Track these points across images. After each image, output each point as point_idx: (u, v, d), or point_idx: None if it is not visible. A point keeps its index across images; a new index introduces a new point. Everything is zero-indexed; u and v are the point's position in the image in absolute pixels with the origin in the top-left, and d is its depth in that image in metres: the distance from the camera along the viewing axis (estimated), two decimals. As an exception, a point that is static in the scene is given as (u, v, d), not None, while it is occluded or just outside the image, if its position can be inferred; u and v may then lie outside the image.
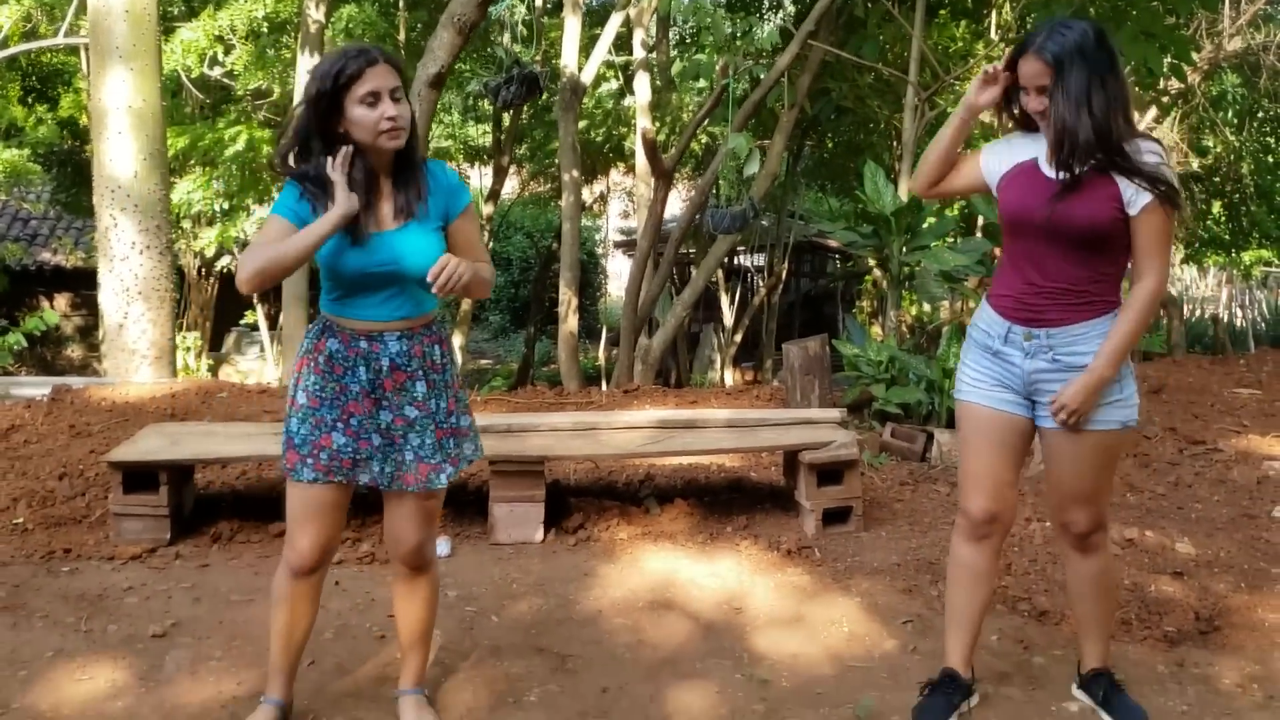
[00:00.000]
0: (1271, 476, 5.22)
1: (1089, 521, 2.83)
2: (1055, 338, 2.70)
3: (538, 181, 20.67)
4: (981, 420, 2.84)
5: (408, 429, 2.64)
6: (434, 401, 2.67)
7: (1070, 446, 2.75)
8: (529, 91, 6.11)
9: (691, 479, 5.19)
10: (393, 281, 2.56)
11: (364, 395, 2.60)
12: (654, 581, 3.97)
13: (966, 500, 2.90)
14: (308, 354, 2.64)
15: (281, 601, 2.74)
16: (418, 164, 2.62)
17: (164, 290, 7.96)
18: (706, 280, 9.32)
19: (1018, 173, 2.78)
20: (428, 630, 2.90)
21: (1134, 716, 2.86)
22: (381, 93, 2.46)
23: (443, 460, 2.68)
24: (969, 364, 2.88)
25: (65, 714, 2.90)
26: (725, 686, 3.15)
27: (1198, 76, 12.74)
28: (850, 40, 8.98)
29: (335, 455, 2.60)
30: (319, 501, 2.65)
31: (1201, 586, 3.88)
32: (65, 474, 4.90)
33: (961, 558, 2.95)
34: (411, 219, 2.57)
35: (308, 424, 2.61)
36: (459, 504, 4.68)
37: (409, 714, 2.84)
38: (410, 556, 2.78)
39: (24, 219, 18.87)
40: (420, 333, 2.66)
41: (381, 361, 2.60)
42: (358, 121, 2.47)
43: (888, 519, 4.71)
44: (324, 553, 2.71)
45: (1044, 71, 2.61)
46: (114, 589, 3.80)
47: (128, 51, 7.71)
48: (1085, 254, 2.67)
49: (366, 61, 2.45)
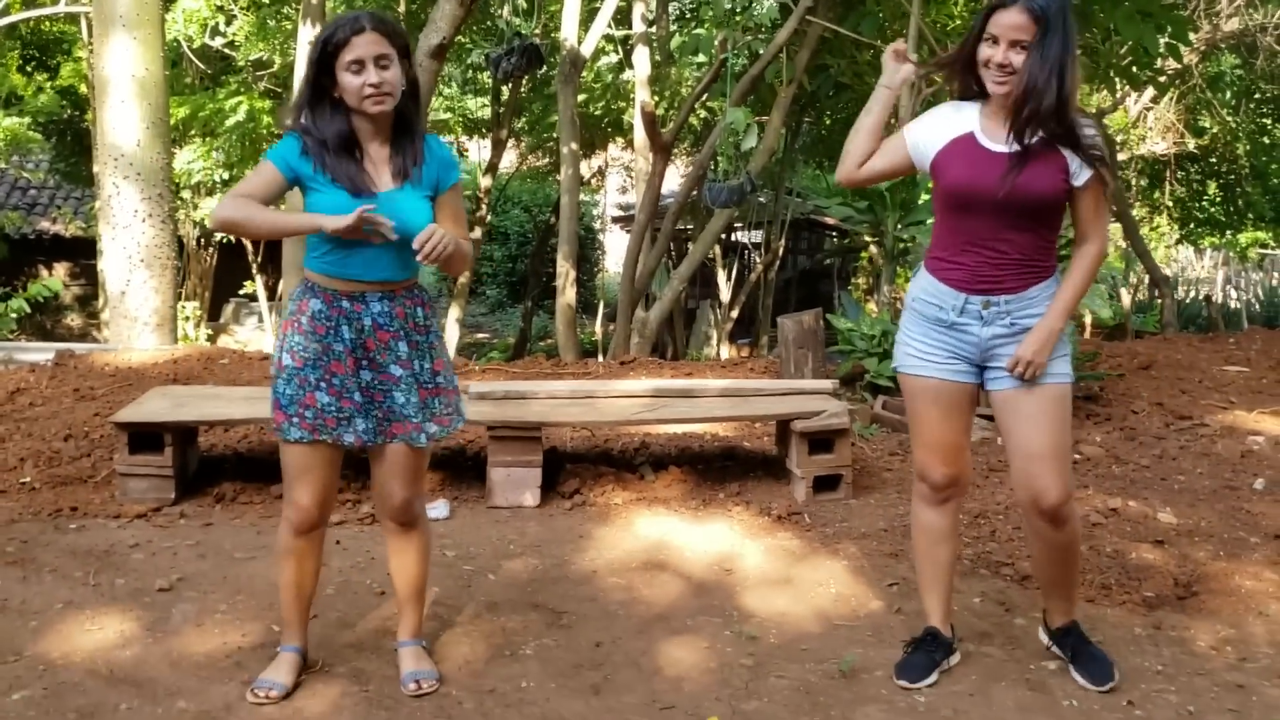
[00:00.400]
0: (1255, 450, 5.32)
1: (1059, 489, 2.81)
2: (1012, 304, 2.78)
3: (536, 155, 20.67)
4: (935, 392, 2.90)
5: (391, 386, 2.73)
6: (418, 362, 2.76)
7: (1030, 403, 2.81)
8: (529, 63, 6.17)
9: (686, 447, 5.29)
10: (379, 241, 2.63)
11: (347, 354, 2.69)
12: (647, 544, 4.07)
13: (926, 468, 2.99)
14: (292, 316, 2.73)
15: (286, 557, 2.85)
16: (417, 131, 2.70)
17: (166, 258, 8.02)
18: (703, 255, 9.39)
19: (956, 148, 2.79)
20: (422, 584, 2.99)
21: (1101, 669, 2.94)
22: (366, 60, 2.54)
23: (425, 419, 2.77)
24: (916, 338, 2.91)
25: (75, 662, 3.00)
26: (714, 642, 3.25)
27: (1195, 57, 12.79)
28: (849, 16, 9.00)
29: (320, 414, 2.69)
30: (311, 460, 2.74)
31: (1181, 554, 3.98)
32: (70, 435, 4.99)
33: (926, 521, 3.05)
34: (406, 182, 2.65)
35: (293, 384, 2.70)
36: (458, 468, 4.78)
37: (408, 663, 2.94)
38: (398, 513, 2.86)
39: (23, 187, 18.89)
40: (402, 294, 2.74)
41: (364, 321, 2.69)
42: (345, 87, 2.57)
43: (877, 486, 4.81)
44: (321, 509, 2.81)
45: (1027, 26, 2.61)
46: (120, 545, 3.89)
47: (131, 20, 7.75)
48: (1033, 223, 2.76)
49: (354, 29, 2.54)
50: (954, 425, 2.94)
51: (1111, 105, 13.63)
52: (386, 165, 2.67)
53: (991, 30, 2.67)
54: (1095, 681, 2.93)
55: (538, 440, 4.45)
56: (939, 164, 2.83)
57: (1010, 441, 2.91)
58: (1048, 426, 2.83)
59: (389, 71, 2.58)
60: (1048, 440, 2.83)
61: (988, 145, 2.76)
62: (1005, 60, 2.65)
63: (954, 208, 2.83)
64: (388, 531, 2.94)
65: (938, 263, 2.88)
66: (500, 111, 16.43)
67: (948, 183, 2.81)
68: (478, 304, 24.51)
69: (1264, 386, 6.80)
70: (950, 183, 2.80)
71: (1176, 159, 15.41)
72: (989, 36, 2.68)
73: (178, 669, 2.98)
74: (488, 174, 16.91)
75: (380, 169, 2.67)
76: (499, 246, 24.09)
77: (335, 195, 2.60)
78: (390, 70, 2.58)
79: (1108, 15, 7.73)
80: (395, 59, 2.60)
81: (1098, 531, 4.18)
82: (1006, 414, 2.89)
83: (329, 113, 2.63)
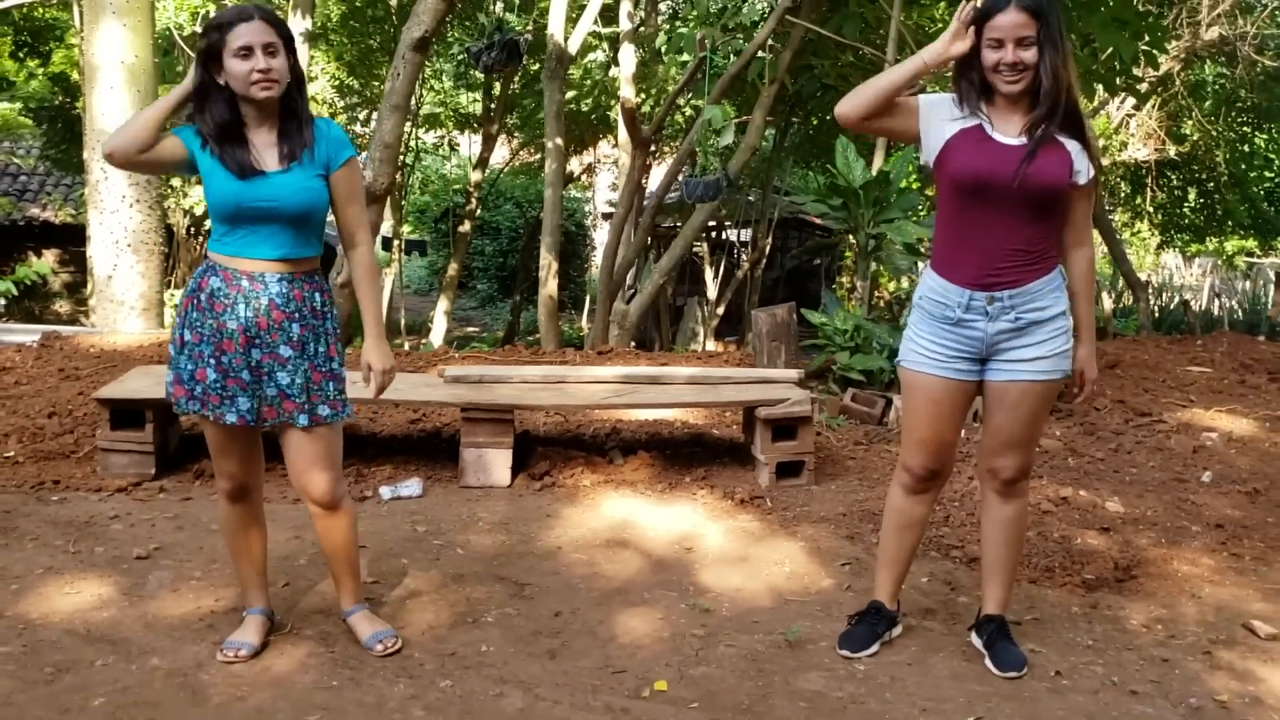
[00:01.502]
0: (1208, 446, 5.48)
1: (1017, 467, 3.01)
2: (1016, 298, 2.86)
3: (527, 151, 20.81)
4: (935, 390, 2.98)
5: (278, 367, 2.82)
6: (312, 344, 2.86)
7: (1016, 395, 2.93)
8: (510, 57, 6.29)
9: (655, 433, 5.43)
10: (273, 218, 2.76)
11: (240, 332, 2.78)
12: (612, 523, 4.21)
13: (912, 460, 3.09)
14: (192, 293, 2.83)
15: (226, 525, 3.04)
16: (301, 115, 2.82)
17: (153, 244, 8.14)
18: (685, 249, 9.53)
19: (965, 138, 2.84)
20: (354, 555, 3.10)
21: (1012, 659, 3.05)
22: (254, 47, 2.66)
23: (316, 402, 2.85)
24: (923, 335, 2.99)
25: (54, 622, 3.14)
26: (669, 613, 3.40)
27: (1177, 65, 12.97)
28: (832, 18, 9.15)
29: (206, 390, 2.80)
30: (224, 432, 2.88)
31: (1124, 540, 4.14)
32: (54, 413, 5.12)
33: (900, 508, 3.17)
34: (294, 163, 2.77)
35: (189, 358, 2.82)
36: (431, 449, 4.92)
37: (364, 627, 3.07)
38: (318, 496, 2.94)
39: (13, 174, 18.92)
40: (301, 278, 2.85)
41: (261, 300, 2.79)
42: (232, 72, 2.69)
43: (840, 474, 4.95)
44: (246, 475, 2.98)
45: (1028, 23, 2.70)
46: (101, 517, 4.02)
47: (121, 7, 7.86)
48: (1037, 214, 2.82)
49: (240, 17, 2.68)
50: (947, 424, 3.03)
51: (1092, 111, 13.80)
52: (274, 149, 2.78)
53: (993, 34, 2.74)
54: (1003, 669, 3.03)
55: (509, 422, 4.58)
56: (948, 152, 2.85)
57: (987, 424, 3.05)
58: (1026, 418, 2.96)
59: (276, 59, 2.70)
60: (1021, 429, 2.98)
61: (998, 138, 2.82)
62: (1016, 59, 2.73)
63: (963, 197, 2.86)
64: (313, 515, 3.01)
65: (943, 260, 2.94)
66: (491, 107, 16.57)
67: (958, 170, 2.83)
68: (468, 298, 24.63)
69: (1224, 386, 6.97)
70: (960, 170, 2.82)
71: (1158, 166, 15.61)
72: (991, 41, 2.75)
73: (152, 629, 3.11)
74: (478, 168, 17.05)
75: (267, 152, 2.78)
76: (490, 241, 24.22)
77: (225, 180, 2.72)
78: (277, 58, 2.70)
79: (1085, 22, 7.87)
80: (281, 48, 2.72)
81: (1047, 519, 4.34)
82: (992, 401, 3.00)
83: (217, 101, 2.74)
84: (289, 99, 2.78)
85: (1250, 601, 3.66)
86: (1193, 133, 14.79)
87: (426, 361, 6.72)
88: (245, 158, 2.73)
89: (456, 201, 18.47)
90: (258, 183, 2.72)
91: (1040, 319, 2.88)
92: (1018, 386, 2.92)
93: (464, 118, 19.05)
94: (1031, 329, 2.88)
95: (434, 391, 4.77)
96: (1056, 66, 2.73)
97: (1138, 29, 7.99)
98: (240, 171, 2.71)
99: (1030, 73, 2.75)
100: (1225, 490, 4.80)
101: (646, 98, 13.81)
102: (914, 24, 10.05)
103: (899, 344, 3.20)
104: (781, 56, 8.93)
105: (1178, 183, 16.29)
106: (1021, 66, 2.75)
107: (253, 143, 2.77)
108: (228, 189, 2.71)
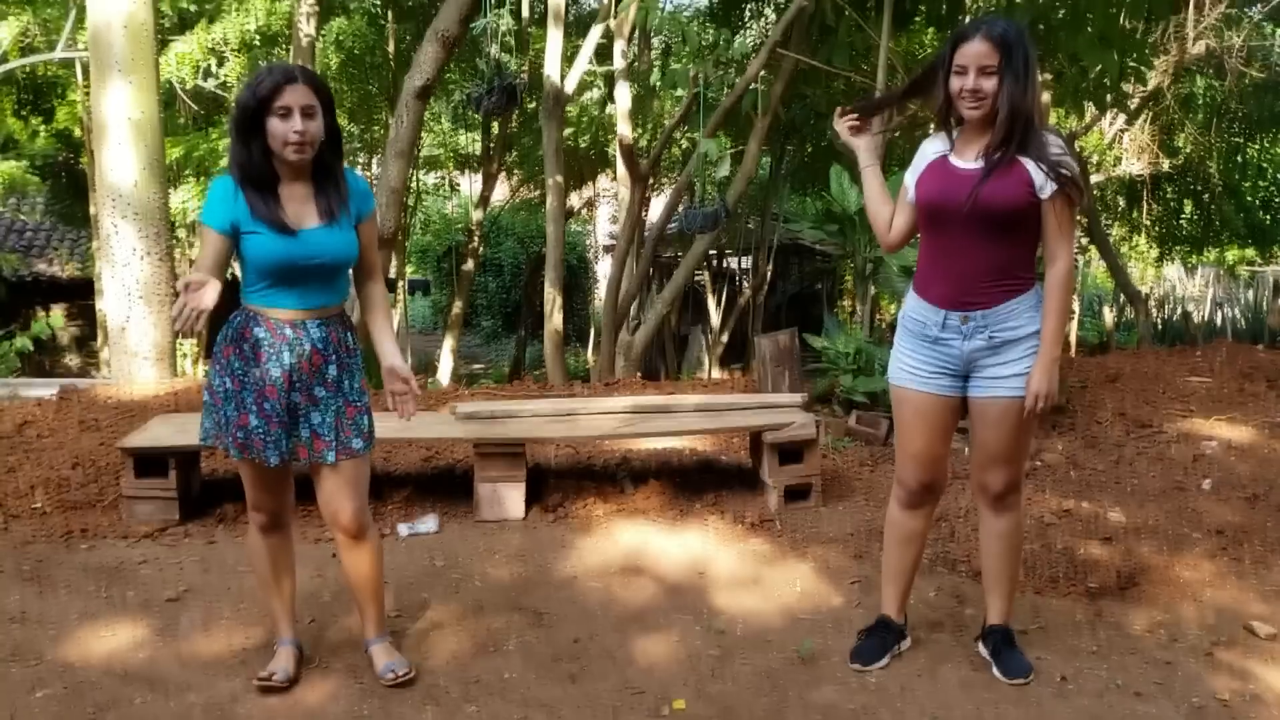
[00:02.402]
0: (1208, 454, 5.58)
1: (1005, 481, 3.13)
2: (989, 318, 2.98)
3: (528, 188, 21.04)
4: (920, 405, 3.13)
5: (311, 407, 2.96)
6: (346, 382, 3.00)
7: (999, 411, 3.04)
8: (509, 101, 6.46)
9: (665, 461, 5.55)
10: (316, 273, 2.90)
11: (283, 378, 2.91)
12: (626, 551, 4.32)
13: (905, 474, 3.22)
14: (233, 342, 2.94)
15: (256, 557, 3.17)
16: (338, 173, 2.96)
17: (164, 294, 8.28)
18: (686, 278, 9.67)
19: (930, 169, 3.05)
20: (378, 585, 3.21)
21: (1018, 666, 3.15)
22: (293, 108, 2.78)
23: (335, 437, 2.97)
24: (907, 352, 3.14)
25: (93, 664, 3.25)
26: (685, 635, 3.50)
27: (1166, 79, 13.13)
28: (821, 48, 9.32)
29: (249, 434, 2.93)
30: (258, 473, 3.03)
31: (1126, 549, 4.24)
32: (78, 463, 5.24)
33: (899, 522, 3.29)
34: (332, 219, 2.91)
35: (231, 405, 2.94)
36: (446, 485, 5.03)
37: (380, 657, 3.19)
38: (345, 525, 3.07)
39: (19, 230, 19.19)
40: (334, 319, 3.00)
41: (305, 346, 2.93)
42: (270, 131, 2.81)
43: (847, 495, 5.06)
44: (279, 509, 3.12)
45: (991, 53, 2.86)
46: (129, 562, 4.14)
47: (127, 65, 8.04)
48: (1003, 236, 2.95)
49: (285, 79, 2.79)
50: (935, 437, 3.16)
51: (1083, 127, 13.97)
52: (311, 204, 2.90)
53: (960, 62, 2.91)
54: (1009, 675, 3.14)
55: (522, 456, 4.70)
56: (917, 186, 3.07)
57: (974, 441, 3.17)
58: (1010, 432, 3.07)
59: (313, 122, 2.82)
60: (1008, 443, 3.08)
61: (957, 164, 2.98)
62: (976, 86, 2.89)
63: (928, 225, 3.05)
64: (339, 544, 3.15)
65: (921, 281, 3.11)
66: (491, 146, 16.80)
67: (919, 197, 3.04)
68: (472, 334, 24.81)
69: (1224, 395, 7.06)
70: (922, 198, 3.03)
71: (1153, 179, 15.75)
72: (958, 68, 2.92)
73: (187, 667, 3.23)
74: (479, 206, 17.26)
75: (304, 207, 2.90)
76: (493, 278, 24.43)
77: (264, 237, 2.84)
78: (314, 121, 2.82)
79: (1071, 41, 8.03)
80: (320, 111, 2.84)
81: (1050, 530, 4.44)
82: (976, 418, 3.12)
83: (255, 156, 2.85)
84: (324, 157, 2.91)
85: (1250, 603, 3.75)
86: (1185, 145, 14.93)
87: (437, 399, 6.84)
88: (280, 215, 2.84)
89: (459, 240, 18.68)
90: (302, 239, 2.85)
91: (1014, 338, 2.99)
92: (997, 404, 3.03)
93: (464, 158, 19.30)
94: (1006, 347, 3.00)
95: (446, 428, 4.89)
96: (1015, 96, 2.85)
97: (1123, 46, 8.15)
98: (279, 229, 2.83)
99: (990, 100, 2.89)
100: (1225, 497, 4.90)
101: (643, 132, 14.01)
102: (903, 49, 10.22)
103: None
104: (774, 87, 9.09)
105: (1173, 195, 16.42)
106: (981, 94, 2.88)
107: (288, 197, 2.88)
108: (274, 248, 2.83)
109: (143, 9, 8.05)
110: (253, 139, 2.82)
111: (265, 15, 12.76)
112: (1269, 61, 13.35)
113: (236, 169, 2.86)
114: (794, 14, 7.70)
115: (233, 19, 12.65)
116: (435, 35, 6.76)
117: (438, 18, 6.97)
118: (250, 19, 12.66)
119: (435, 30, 6.78)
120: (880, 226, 3.24)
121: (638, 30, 11.11)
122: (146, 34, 8.18)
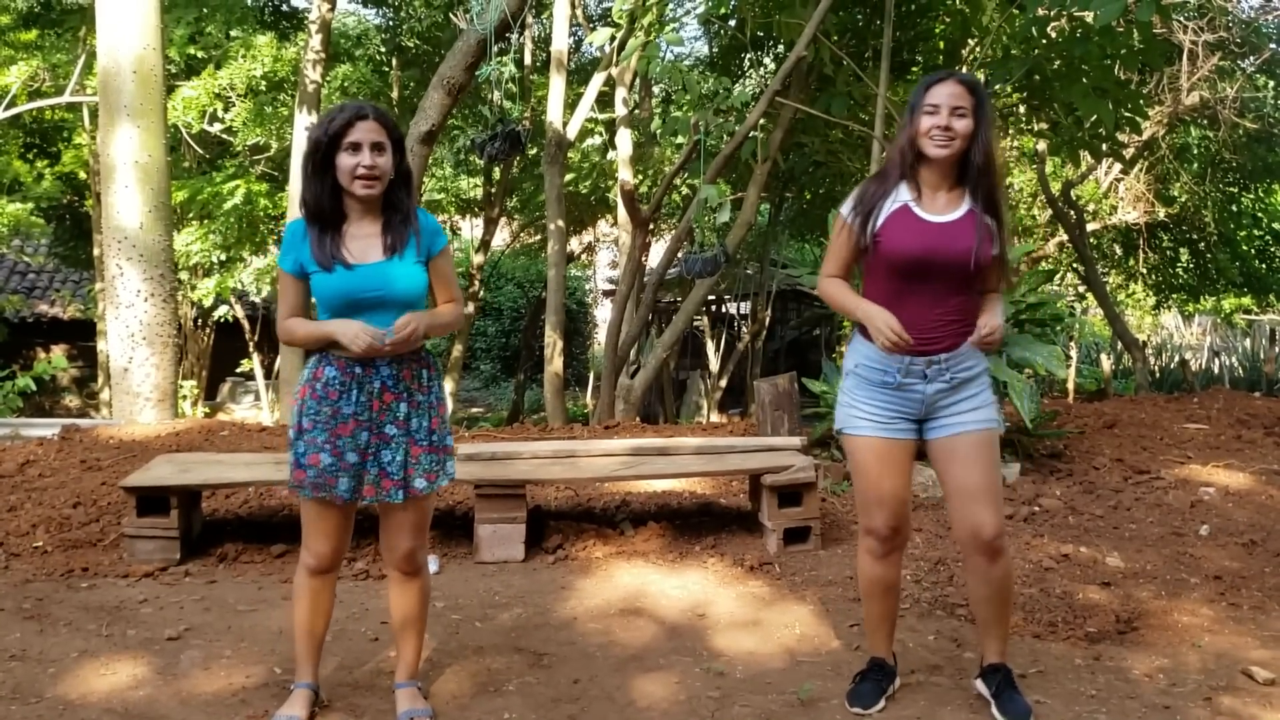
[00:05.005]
0: (1205, 500, 5.60)
1: (994, 522, 3.08)
2: (950, 360, 3.06)
3: (528, 233, 21.19)
4: (882, 452, 3.15)
5: (382, 445, 3.00)
6: (416, 420, 3.03)
7: (964, 448, 3.08)
8: (512, 147, 6.54)
9: (664, 504, 5.56)
10: (381, 307, 2.93)
11: (354, 417, 2.96)
12: (626, 593, 4.33)
13: (875, 522, 3.21)
14: (308, 382, 3.00)
15: (301, 597, 3.13)
16: (407, 209, 3.02)
17: (167, 336, 8.35)
18: (686, 322, 9.74)
19: (897, 221, 3.03)
20: (420, 628, 3.24)
21: (1018, 708, 3.14)
22: (363, 144, 2.86)
23: (403, 477, 3.00)
24: (861, 401, 3.15)
25: (93, 702, 3.25)
26: (685, 677, 3.51)
27: (1161, 129, 13.28)
28: (820, 97, 9.46)
29: (321, 473, 2.96)
30: (322, 513, 3.03)
31: (1125, 594, 4.25)
32: (79, 503, 5.26)
33: (872, 575, 3.29)
34: (396, 254, 2.96)
35: (304, 444, 2.98)
36: (446, 526, 5.05)
37: (404, 702, 3.19)
38: (400, 561, 3.13)
39: (22, 271, 19.29)
40: (408, 358, 3.03)
41: (374, 384, 2.97)
42: (340, 166, 2.89)
43: (845, 538, 5.07)
44: (333, 555, 3.10)
45: (964, 95, 2.94)
46: (130, 601, 4.15)
47: (135, 109, 8.16)
48: (968, 283, 3.05)
49: (357, 115, 2.88)
50: (897, 480, 3.18)
51: (1079, 177, 14.11)
52: (378, 239, 2.97)
53: (933, 100, 2.97)
54: (1009, 716, 3.12)
55: (522, 498, 4.72)
56: (883, 235, 3.04)
57: (949, 483, 3.17)
58: (981, 468, 3.09)
59: (382, 158, 2.90)
60: (982, 480, 3.09)
61: (925, 216, 3.01)
62: (948, 124, 2.95)
63: (903, 277, 3.03)
64: (391, 580, 3.19)
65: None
66: (492, 191, 16.95)
67: (898, 254, 3.01)
68: (472, 378, 24.85)
69: (1221, 442, 7.10)
70: (901, 254, 3.00)
71: (1149, 227, 15.87)
72: (929, 107, 2.97)
73: (187, 706, 3.23)
74: (480, 251, 17.37)
75: (370, 243, 2.96)
76: (493, 322, 24.53)
77: (333, 274, 2.90)
78: (383, 157, 2.90)
79: (1066, 92, 8.15)
80: (389, 149, 2.92)
81: (1049, 575, 4.45)
82: (943, 459, 3.15)
83: (325, 192, 2.92)
84: (393, 194, 2.97)
85: (1249, 649, 3.76)
86: (1181, 194, 15.07)
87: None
88: (335, 250, 2.90)
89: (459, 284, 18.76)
90: (366, 274, 2.90)
91: (968, 376, 3.10)
92: (965, 439, 3.08)
93: (465, 202, 19.46)
94: (962, 386, 3.09)
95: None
96: (989, 144, 2.95)
97: (1118, 97, 8.27)
98: (345, 266, 2.89)
99: (959, 141, 2.96)
100: (1223, 543, 4.92)
101: (644, 179, 14.15)
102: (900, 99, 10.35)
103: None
104: (773, 135, 9.22)
105: (1169, 243, 16.54)
106: (952, 134, 2.95)
107: (354, 234, 2.94)
108: (331, 282, 2.89)
109: (152, 54, 8.18)
110: (323, 175, 2.90)
111: (271, 62, 12.93)
112: (1262, 113, 13.50)
113: (304, 206, 2.94)
114: (793, 63, 7.81)
115: (239, 64, 12.82)
116: (441, 82, 6.87)
117: (443, 65, 7.08)
118: (257, 65, 12.83)
119: (441, 77, 6.89)
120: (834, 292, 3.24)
121: (639, 78, 11.27)
122: (156, 79, 8.30)
